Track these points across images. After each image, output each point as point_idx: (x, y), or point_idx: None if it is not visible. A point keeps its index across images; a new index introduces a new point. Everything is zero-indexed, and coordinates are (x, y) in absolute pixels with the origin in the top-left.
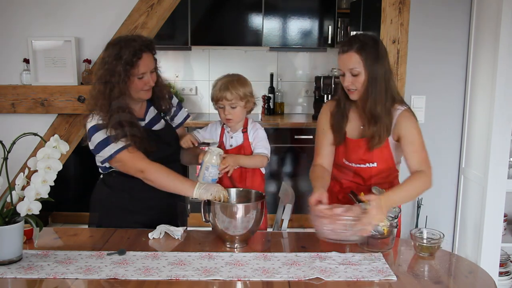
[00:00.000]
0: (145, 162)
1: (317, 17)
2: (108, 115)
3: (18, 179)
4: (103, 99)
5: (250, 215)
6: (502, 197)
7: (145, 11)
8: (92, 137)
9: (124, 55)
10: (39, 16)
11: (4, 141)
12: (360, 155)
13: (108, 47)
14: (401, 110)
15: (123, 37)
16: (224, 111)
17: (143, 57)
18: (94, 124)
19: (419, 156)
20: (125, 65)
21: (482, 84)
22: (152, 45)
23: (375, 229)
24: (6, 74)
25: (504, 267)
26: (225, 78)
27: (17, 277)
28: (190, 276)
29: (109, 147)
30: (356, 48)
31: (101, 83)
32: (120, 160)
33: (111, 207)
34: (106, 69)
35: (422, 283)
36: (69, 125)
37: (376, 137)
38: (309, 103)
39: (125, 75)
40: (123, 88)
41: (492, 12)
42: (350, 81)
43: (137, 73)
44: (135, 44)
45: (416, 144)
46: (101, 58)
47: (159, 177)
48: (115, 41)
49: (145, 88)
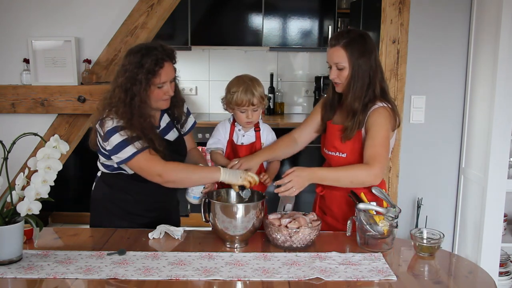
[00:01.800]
0: (161, 164)
1: (317, 17)
2: (131, 124)
3: (18, 179)
4: (124, 107)
5: (250, 215)
6: (502, 197)
7: (145, 11)
8: (112, 138)
9: (146, 64)
10: (39, 16)
11: (4, 141)
12: (333, 142)
13: (129, 54)
14: (378, 106)
15: (145, 44)
16: (247, 115)
17: (165, 66)
18: (115, 125)
19: (373, 151)
20: (146, 73)
21: (482, 84)
22: (173, 54)
23: (375, 229)
24: (6, 74)
25: (504, 267)
26: (241, 81)
27: (17, 277)
28: (190, 276)
29: (127, 149)
30: (343, 43)
31: (122, 90)
32: (137, 163)
33: (111, 206)
34: (127, 77)
35: (422, 283)
36: (69, 125)
37: (348, 130)
38: (309, 103)
39: (146, 84)
40: (144, 97)
41: (492, 12)
42: (335, 75)
43: (158, 82)
44: (157, 52)
45: (376, 139)
46: (122, 65)
47: (179, 174)
48: (137, 48)
49: (165, 98)
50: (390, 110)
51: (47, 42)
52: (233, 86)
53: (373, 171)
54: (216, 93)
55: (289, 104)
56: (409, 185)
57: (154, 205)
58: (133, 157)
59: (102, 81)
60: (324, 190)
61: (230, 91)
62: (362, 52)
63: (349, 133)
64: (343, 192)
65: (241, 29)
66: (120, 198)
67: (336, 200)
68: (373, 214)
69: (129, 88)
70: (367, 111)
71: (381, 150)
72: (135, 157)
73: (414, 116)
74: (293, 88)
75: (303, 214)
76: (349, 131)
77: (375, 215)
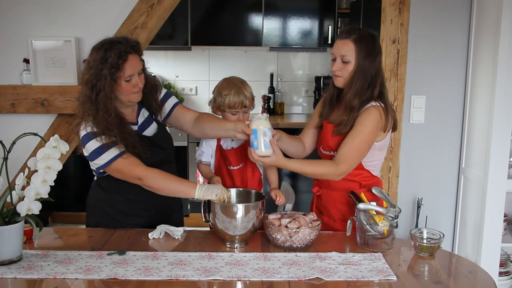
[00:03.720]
0: (141, 169)
1: (317, 17)
2: (97, 120)
3: (18, 179)
4: (90, 104)
5: (250, 215)
6: (502, 197)
7: (145, 11)
8: (86, 145)
9: (109, 58)
10: (39, 16)
11: (4, 141)
12: (327, 141)
13: (93, 51)
14: (370, 105)
15: (108, 40)
16: (238, 117)
17: (129, 59)
18: (87, 133)
19: (348, 151)
20: (110, 68)
21: (482, 84)
22: (138, 46)
23: (375, 229)
24: (6, 74)
25: (504, 267)
26: (232, 84)
27: (17, 277)
28: (190, 276)
29: (104, 155)
30: (353, 38)
31: (87, 87)
32: (116, 168)
33: (107, 210)
34: (92, 74)
35: (422, 283)
36: (69, 125)
37: (342, 124)
38: (309, 103)
39: (111, 79)
40: (109, 92)
41: (492, 12)
42: (339, 67)
43: (124, 75)
44: (120, 46)
45: (355, 141)
46: (87, 62)
47: (158, 183)
48: (99, 44)
49: (134, 91)
50: (383, 110)
51: (47, 42)
52: (224, 89)
53: (339, 170)
54: None
55: (289, 104)
56: (409, 185)
57: (150, 204)
58: (111, 162)
59: None
60: (320, 190)
61: (222, 94)
62: (370, 51)
63: (342, 128)
64: (340, 192)
65: (241, 29)
66: (115, 200)
67: (332, 199)
68: (373, 214)
69: (94, 84)
70: (361, 109)
71: (354, 153)
72: (112, 163)
73: (414, 116)
74: (293, 88)
75: (303, 214)
76: (342, 126)
77: (375, 215)
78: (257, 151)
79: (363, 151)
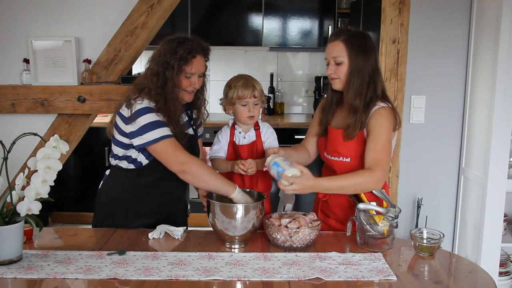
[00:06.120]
0: (187, 154)
1: (317, 17)
2: (164, 105)
3: (18, 179)
4: (156, 89)
5: (250, 215)
6: (502, 197)
7: (145, 11)
8: (141, 117)
9: (179, 51)
10: (39, 16)
11: (4, 141)
12: (336, 147)
13: (166, 42)
14: (379, 106)
15: (182, 35)
16: (248, 108)
17: (197, 57)
18: (146, 106)
19: (375, 155)
20: (179, 60)
21: (482, 84)
22: (208, 50)
23: (375, 229)
24: (6, 74)
25: (504, 267)
26: (240, 77)
27: (17, 277)
28: (190, 276)
29: (157, 131)
30: (342, 38)
31: (154, 74)
32: (163, 146)
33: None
34: (159, 61)
35: (422, 283)
36: (69, 125)
37: (350, 128)
38: (309, 103)
39: (178, 69)
40: (177, 82)
41: (492, 12)
42: (333, 70)
43: (189, 70)
44: (193, 43)
45: (378, 143)
46: (157, 50)
47: (201, 172)
48: (174, 37)
49: (189, 89)
50: (391, 110)
51: (47, 42)
52: (233, 81)
53: (376, 177)
54: (216, 93)
55: (289, 104)
56: (409, 185)
57: (161, 206)
58: (160, 140)
59: (102, 81)
60: (326, 195)
61: (231, 87)
62: (362, 49)
63: (351, 132)
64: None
65: (241, 29)
66: (127, 198)
67: (340, 203)
68: (373, 214)
69: (161, 72)
70: (369, 112)
71: (382, 154)
72: (162, 140)
73: (414, 116)
74: (293, 88)
75: (303, 214)
76: (351, 129)
77: (375, 215)
78: (286, 172)
79: (389, 149)
